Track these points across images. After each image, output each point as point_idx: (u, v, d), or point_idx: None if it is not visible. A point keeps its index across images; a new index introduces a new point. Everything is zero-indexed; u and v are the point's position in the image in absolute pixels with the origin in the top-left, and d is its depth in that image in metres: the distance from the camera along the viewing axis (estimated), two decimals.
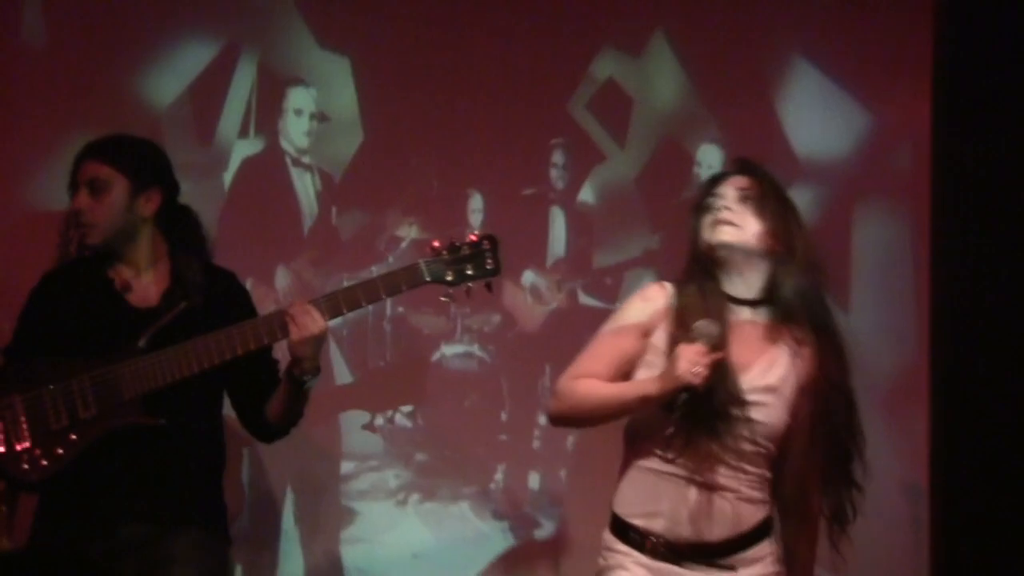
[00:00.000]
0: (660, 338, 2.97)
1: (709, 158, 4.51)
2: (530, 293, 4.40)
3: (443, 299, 3.37)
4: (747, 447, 2.94)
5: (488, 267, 3.35)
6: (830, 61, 4.50)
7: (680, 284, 3.04)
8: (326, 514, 4.35)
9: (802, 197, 4.20)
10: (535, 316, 4.39)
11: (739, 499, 2.95)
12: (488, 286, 3.33)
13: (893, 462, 4.40)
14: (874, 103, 4.51)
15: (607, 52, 4.41)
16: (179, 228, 3.53)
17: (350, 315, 3.53)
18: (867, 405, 4.16)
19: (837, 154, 4.50)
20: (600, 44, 4.43)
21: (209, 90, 4.33)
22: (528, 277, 4.39)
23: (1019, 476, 4.43)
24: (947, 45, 4.48)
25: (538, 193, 4.44)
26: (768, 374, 2.98)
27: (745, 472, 2.97)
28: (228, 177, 4.40)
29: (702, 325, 2.84)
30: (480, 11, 4.35)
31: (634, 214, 4.42)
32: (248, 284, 3.76)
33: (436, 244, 3.34)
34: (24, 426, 3.27)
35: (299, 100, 4.39)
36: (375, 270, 4.22)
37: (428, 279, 3.29)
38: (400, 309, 4.14)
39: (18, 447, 3.27)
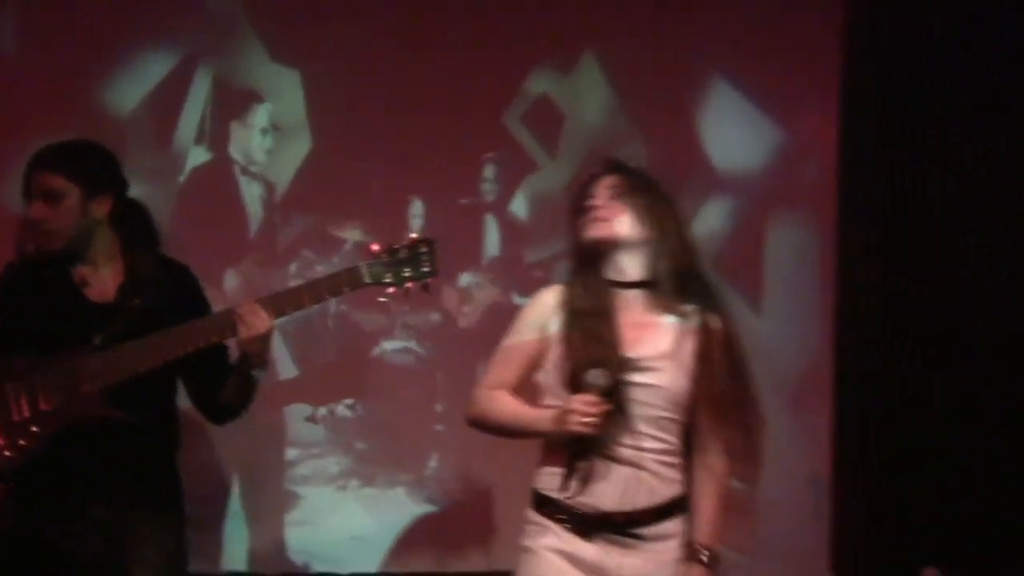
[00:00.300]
0: (554, 331, 3.12)
1: None
2: (465, 292, 4.51)
3: (382, 300, 3.45)
4: (653, 413, 3.06)
5: (425, 269, 3.41)
6: (746, 81, 4.65)
7: (567, 282, 3.20)
8: (271, 498, 4.48)
9: (719, 207, 4.54)
10: (469, 314, 4.49)
11: (650, 474, 3.06)
12: (425, 287, 3.40)
13: (798, 456, 4.58)
14: (786, 121, 4.67)
15: (541, 70, 4.55)
16: (131, 224, 3.60)
17: (295, 314, 3.60)
18: (776, 402, 4.30)
19: (751, 167, 4.65)
20: (534, 62, 4.56)
21: (168, 99, 4.43)
22: (464, 279, 4.48)
23: (914, 469, 4.59)
24: (853, 69, 4.65)
25: (473, 202, 4.55)
26: (659, 343, 3.11)
27: (657, 444, 3.08)
28: (182, 180, 4.47)
29: (592, 375, 2.98)
30: (423, 30, 4.47)
31: (564, 219, 4.55)
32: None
33: (375, 248, 3.40)
34: None
35: (262, 119, 4.52)
36: (320, 270, 4.34)
37: (368, 281, 3.37)
38: (343, 307, 4.26)
39: None
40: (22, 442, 3.31)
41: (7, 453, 3.31)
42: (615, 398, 3.02)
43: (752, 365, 3.23)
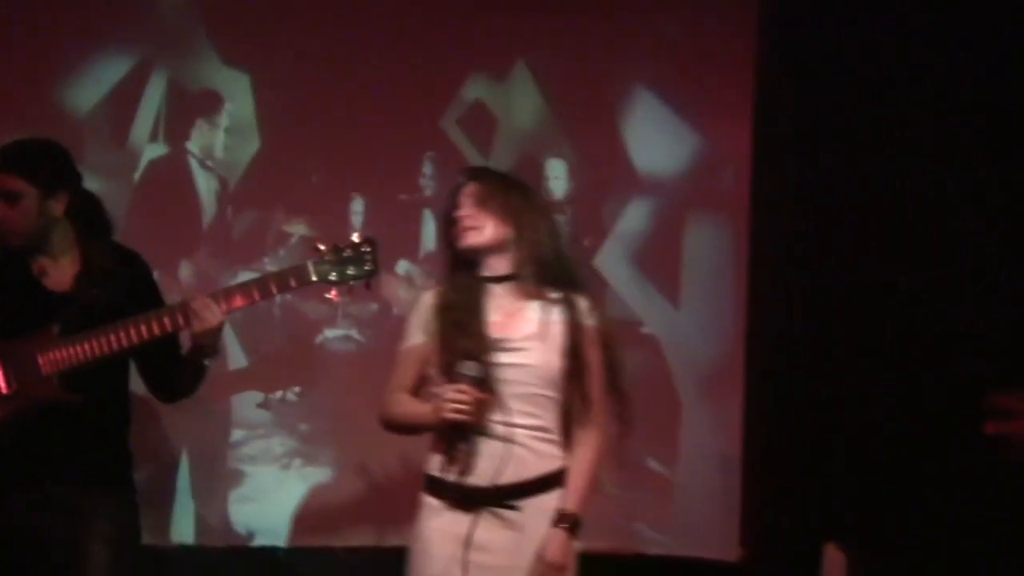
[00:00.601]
0: (433, 331, 3.32)
1: (555, 170, 4.78)
2: (404, 283, 4.60)
3: (327, 296, 3.56)
4: (525, 390, 3.21)
5: (367, 268, 3.52)
6: (666, 91, 4.77)
7: (442, 283, 3.40)
8: (218, 476, 4.57)
9: (641, 208, 4.71)
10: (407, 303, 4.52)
11: (523, 449, 3.20)
12: (368, 285, 3.53)
13: (712, 437, 4.76)
14: (703, 128, 4.79)
15: (476, 77, 4.68)
16: (86, 217, 3.68)
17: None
18: (692, 389, 4.68)
19: (671, 171, 4.77)
20: (470, 70, 4.69)
21: (124, 100, 4.53)
22: (402, 266, 4.59)
23: (818, 451, 4.69)
24: (766, 79, 4.78)
25: (412, 198, 4.65)
26: (525, 326, 3.27)
27: (530, 420, 3.22)
28: (138, 176, 4.56)
29: (463, 366, 3.14)
30: (367, 38, 4.60)
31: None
32: (154, 275, 3.90)
33: (321, 247, 3.51)
34: None
35: (226, 119, 4.62)
36: (267, 262, 4.47)
37: (315, 279, 3.49)
38: (288, 297, 4.29)
39: None
40: None
41: None
42: (486, 385, 3.16)
43: (620, 346, 3.35)
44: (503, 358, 3.24)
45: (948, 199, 4.73)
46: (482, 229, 3.30)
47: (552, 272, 3.33)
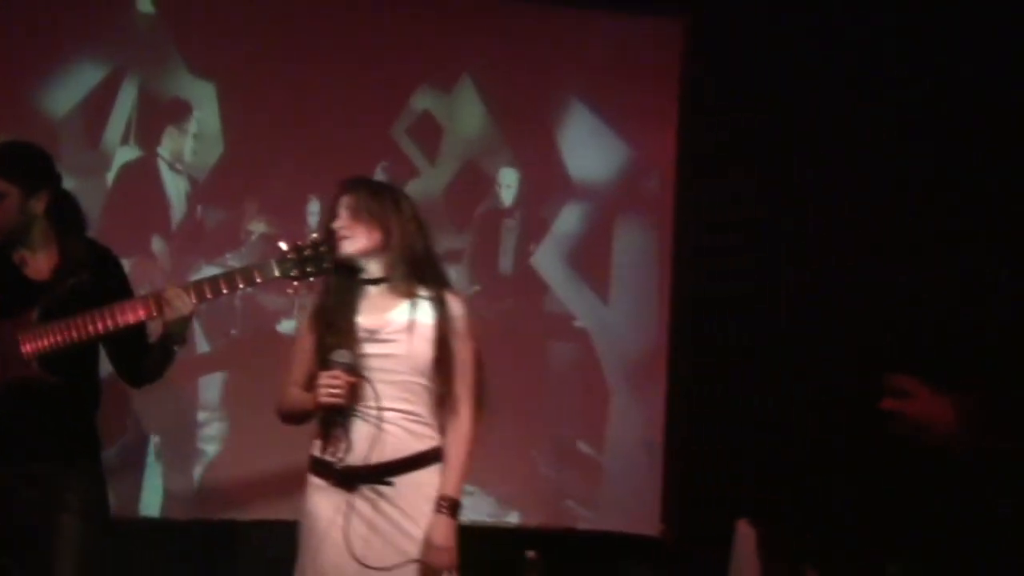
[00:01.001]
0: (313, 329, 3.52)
1: (508, 179, 4.93)
2: None
3: (289, 292, 3.73)
4: (396, 378, 3.39)
5: (325, 266, 3.62)
6: (598, 103, 4.96)
7: (324, 286, 3.57)
8: (183, 454, 4.70)
9: (575, 212, 4.91)
10: None
11: (395, 429, 3.37)
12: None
13: (636, 422, 4.96)
14: (632, 138, 5.00)
15: (424, 89, 4.83)
16: (64, 214, 3.77)
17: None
18: (618, 378, 4.87)
19: (603, 178, 4.97)
20: (418, 82, 4.83)
21: (98, 105, 4.64)
22: None
23: (733, 435, 4.95)
24: (689, 95, 5.02)
25: None
26: (396, 321, 3.44)
27: (401, 404, 3.39)
28: (111, 177, 4.65)
29: (336, 354, 3.33)
30: (322, 51, 4.74)
31: (441, 220, 4.80)
32: (126, 266, 3.99)
33: (284, 247, 3.60)
34: None
35: (194, 125, 4.73)
36: (229, 257, 4.60)
37: (278, 275, 3.59)
38: (248, 289, 4.28)
39: None
40: None
41: None
42: (355, 371, 3.32)
43: (481, 342, 3.50)
44: (376, 349, 3.42)
45: (857, 196, 4.87)
46: (355, 238, 3.47)
47: (422, 272, 3.52)
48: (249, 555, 4.71)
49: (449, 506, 3.41)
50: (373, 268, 3.51)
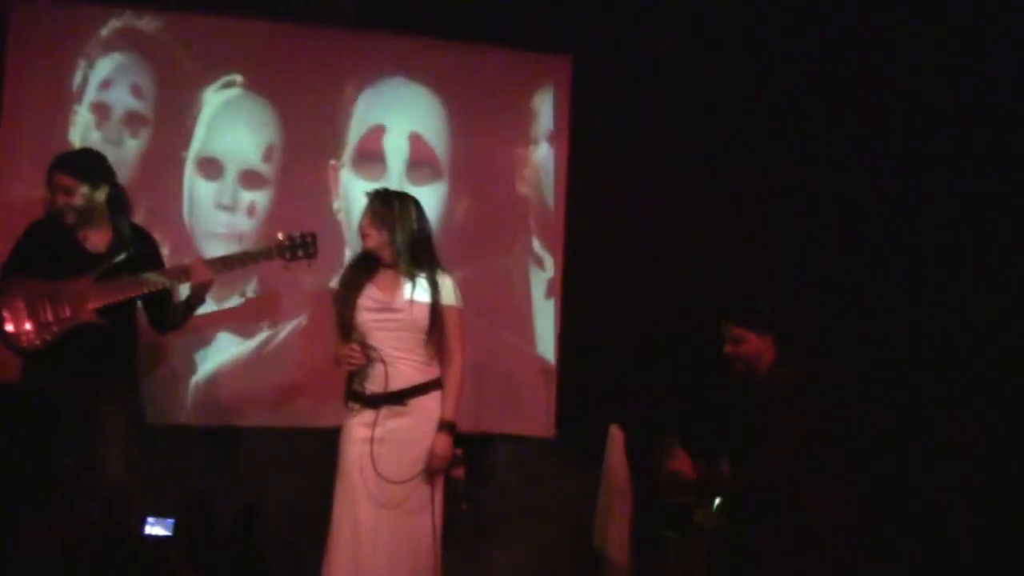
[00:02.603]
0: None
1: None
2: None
3: (285, 269, 4.42)
4: (402, 334, 4.00)
5: (311, 252, 4.36)
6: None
7: (346, 268, 4.16)
8: (203, 377, 5.08)
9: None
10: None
11: (408, 367, 4.00)
12: (309, 263, 4.41)
13: (533, 354, 5.53)
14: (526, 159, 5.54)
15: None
16: (117, 203, 4.25)
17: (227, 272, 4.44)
18: (521, 319, 5.36)
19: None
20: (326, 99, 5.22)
21: None
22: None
23: (608, 362, 5.50)
24: (579, 120, 5.59)
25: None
26: (401, 297, 4.00)
27: (406, 352, 4.01)
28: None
29: (355, 336, 3.95)
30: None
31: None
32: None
33: (280, 236, 4.28)
34: (25, 316, 3.99)
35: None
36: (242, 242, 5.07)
37: (277, 256, 4.31)
38: (253, 266, 4.69)
39: (20, 328, 4.01)
40: (46, 335, 4.01)
41: (36, 341, 4.01)
42: (366, 345, 3.96)
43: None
44: (388, 316, 4.00)
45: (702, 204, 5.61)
46: (371, 236, 4.07)
47: (420, 258, 4.07)
48: (246, 456, 5.14)
49: (447, 426, 4.03)
50: (384, 256, 4.07)
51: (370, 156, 5.39)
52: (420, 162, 5.45)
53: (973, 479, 5.10)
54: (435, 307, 4.04)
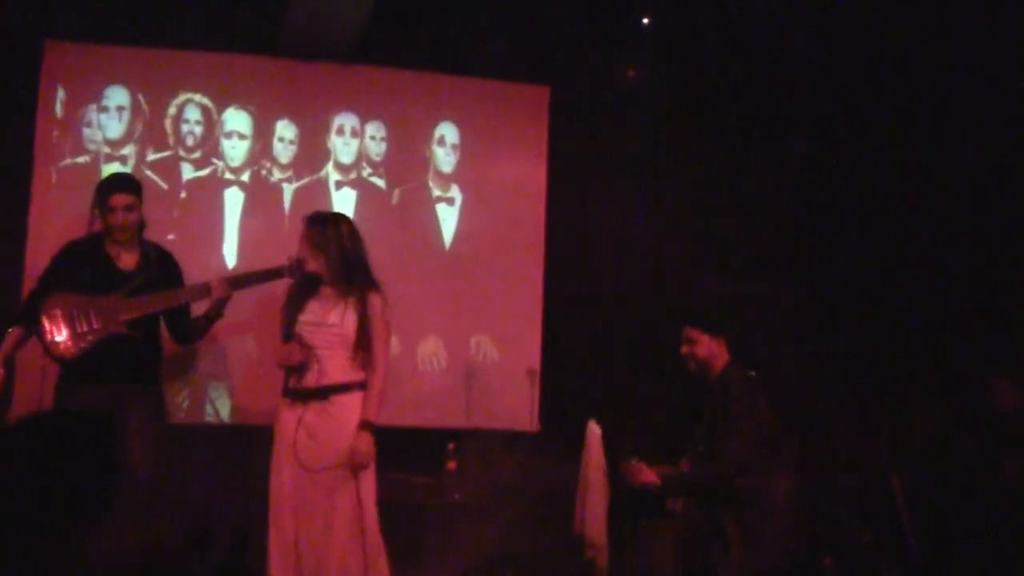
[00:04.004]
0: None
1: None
2: None
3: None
4: (332, 343, 4.19)
5: (305, 272, 4.30)
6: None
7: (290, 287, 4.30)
8: (223, 382, 5.41)
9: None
10: None
11: (335, 368, 4.18)
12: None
13: (519, 357, 5.84)
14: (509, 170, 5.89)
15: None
16: (142, 225, 4.48)
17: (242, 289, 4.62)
18: (508, 326, 5.64)
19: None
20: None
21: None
22: None
23: (588, 365, 5.85)
24: (557, 139, 5.91)
25: None
26: (333, 313, 4.22)
27: (335, 357, 4.20)
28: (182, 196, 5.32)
29: (295, 337, 4.13)
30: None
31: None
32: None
33: (287, 260, 4.38)
34: (63, 327, 4.19)
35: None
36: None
37: (287, 275, 4.43)
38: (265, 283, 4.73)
39: (58, 337, 4.21)
40: (81, 344, 4.23)
41: (73, 349, 4.23)
42: (304, 344, 4.17)
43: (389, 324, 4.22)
44: (322, 329, 4.23)
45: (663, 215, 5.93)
46: (307, 259, 4.30)
47: (352, 277, 4.27)
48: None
49: (367, 425, 4.20)
50: (325, 277, 4.31)
51: None
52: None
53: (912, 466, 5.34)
54: (362, 322, 4.26)
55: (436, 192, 5.94)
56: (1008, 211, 5.71)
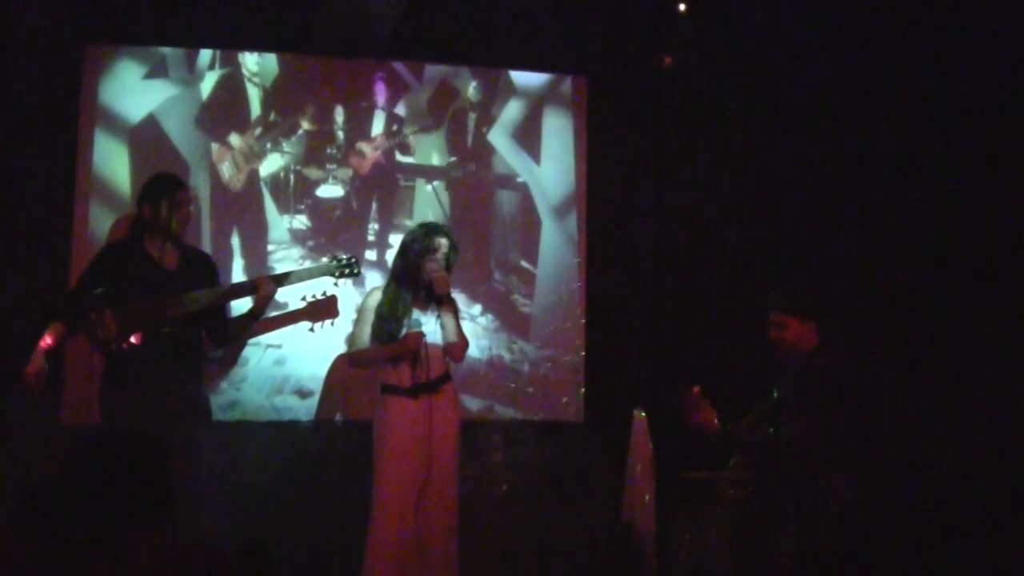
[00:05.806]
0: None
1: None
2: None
3: (334, 286, 4.83)
4: (444, 339, 4.51)
5: (356, 272, 4.84)
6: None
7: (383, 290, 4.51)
8: (262, 379, 5.36)
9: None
10: None
11: (432, 365, 4.45)
12: (354, 281, 4.92)
13: (568, 344, 5.83)
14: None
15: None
16: None
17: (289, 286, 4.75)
18: (554, 319, 5.65)
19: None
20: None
21: None
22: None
23: (631, 353, 5.78)
24: (591, 133, 5.92)
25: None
26: (432, 319, 4.53)
27: (438, 351, 4.46)
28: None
29: (414, 324, 4.41)
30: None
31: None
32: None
33: (328, 258, 4.73)
34: (113, 325, 4.23)
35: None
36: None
37: (328, 274, 4.71)
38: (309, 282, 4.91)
39: (109, 336, 4.23)
40: (133, 341, 4.28)
41: (123, 345, 4.27)
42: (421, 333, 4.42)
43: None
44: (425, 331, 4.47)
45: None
46: (443, 279, 4.56)
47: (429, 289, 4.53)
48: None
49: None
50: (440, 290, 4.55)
51: None
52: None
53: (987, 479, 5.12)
54: (448, 323, 4.59)
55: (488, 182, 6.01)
56: None
